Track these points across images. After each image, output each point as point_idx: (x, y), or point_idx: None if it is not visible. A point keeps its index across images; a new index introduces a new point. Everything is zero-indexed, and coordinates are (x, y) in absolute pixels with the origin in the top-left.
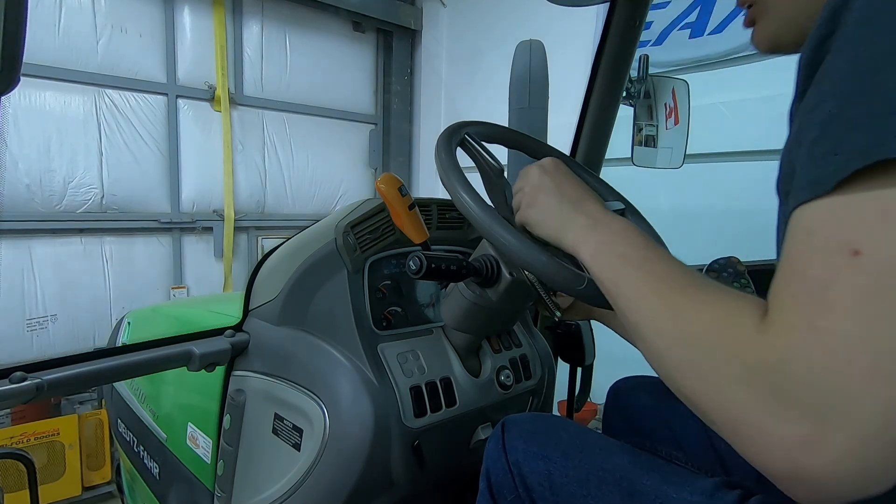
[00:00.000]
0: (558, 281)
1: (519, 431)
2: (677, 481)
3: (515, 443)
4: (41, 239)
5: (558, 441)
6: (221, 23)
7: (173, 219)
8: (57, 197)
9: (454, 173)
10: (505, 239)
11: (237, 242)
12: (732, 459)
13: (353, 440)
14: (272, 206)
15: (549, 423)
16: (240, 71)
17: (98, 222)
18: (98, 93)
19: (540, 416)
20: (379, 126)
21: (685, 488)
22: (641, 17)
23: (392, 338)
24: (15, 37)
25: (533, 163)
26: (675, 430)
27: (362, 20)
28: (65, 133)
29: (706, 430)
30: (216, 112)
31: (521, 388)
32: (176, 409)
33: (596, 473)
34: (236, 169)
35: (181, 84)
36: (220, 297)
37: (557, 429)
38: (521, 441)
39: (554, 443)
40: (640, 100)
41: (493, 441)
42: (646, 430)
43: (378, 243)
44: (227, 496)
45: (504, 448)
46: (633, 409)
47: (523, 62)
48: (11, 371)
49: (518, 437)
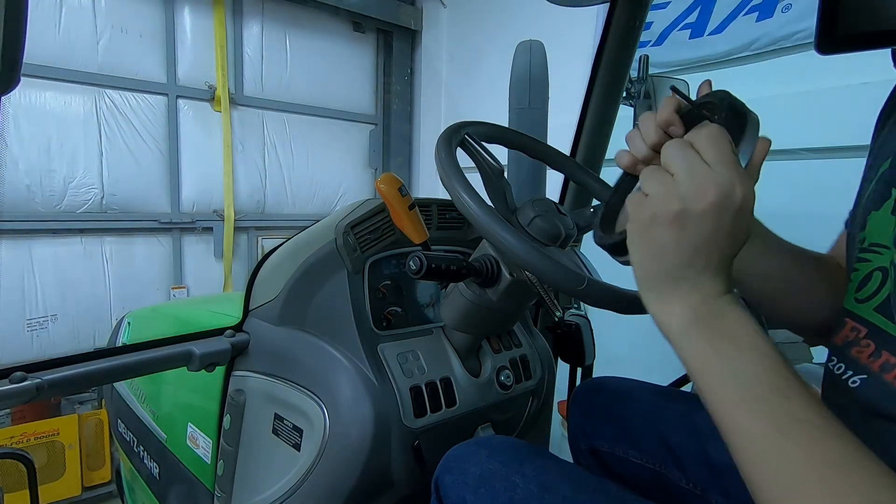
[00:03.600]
0: (558, 282)
1: (464, 478)
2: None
3: (461, 493)
4: (41, 239)
5: (513, 490)
6: (221, 23)
7: (173, 219)
8: (57, 197)
9: (454, 173)
10: (505, 239)
11: (237, 242)
12: (684, 455)
13: (353, 440)
14: (272, 207)
15: (497, 463)
16: (240, 71)
17: (98, 222)
18: (98, 93)
19: (486, 447)
20: (379, 126)
21: None
22: (641, 17)
23: (392, 338)
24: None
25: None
26: (631, 431)
27: (362, 20)
28: (65, 133)
29: (659, 429)
30: (216, 112)
31: (521, 389)
32: (176, 409)
33: None
34: (236, 169)
35: (181, 84)
36: (220, 297)
37: (510, 472)
38: (468, 492)
39: (507, 496)
40: (640, 100)
41: (433, 499)
42: (603, 432)
43: (378, 243)
44: (227, 496)
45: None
46: (592, 412)
47: (523, 62)
48: (11, 371)
49: (464, 485)
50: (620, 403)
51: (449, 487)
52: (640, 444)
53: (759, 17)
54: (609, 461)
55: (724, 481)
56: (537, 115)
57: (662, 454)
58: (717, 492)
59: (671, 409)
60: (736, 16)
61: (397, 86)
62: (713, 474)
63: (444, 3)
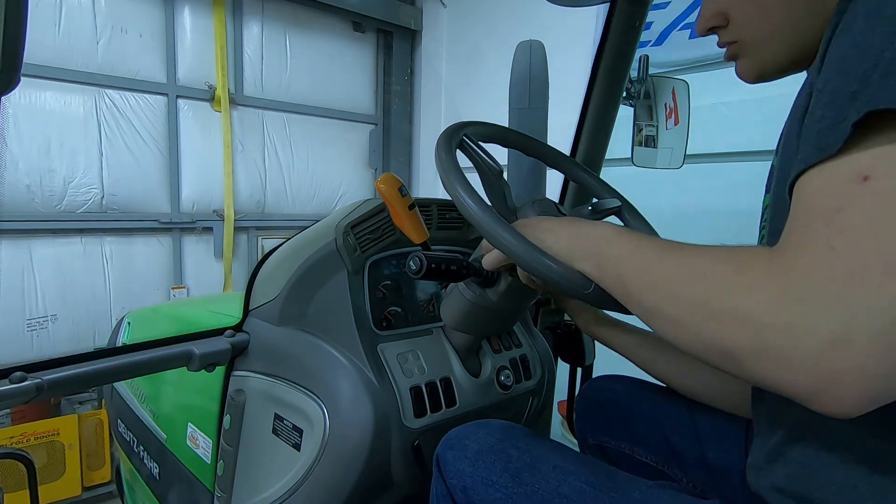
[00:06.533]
0: (563, 284)
1: (464, 452)
2: (639, 499)
3: (461, 466)
4: (41, 239)
5: (507, 461)
6: (221, 23)
7: (173, 219)
8: (57, 197)
9: (454, 173)
10: (506, 240)
11: (237, 242)
12: (685, 455)
13: (353, 440)
14: (272, 207)
15: (494, 438)
16: (240, 71)
17: (98, 222)
18: (98, 93)
19: (485, 427)
20: (379, 126)
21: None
22: (641, 17)
23: (392, 338)
24: (15, 37)
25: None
26: (636, 429)
27: (362, 20)
28: (65, 133)
29: (662, 429)
30: (216, 112)
31: (521, 389)
32: (176, 410)
33: (553, 501)
34: (236, 169)
35: (181, 84)
36: (220, 297)
37: (505, 445)
38: (467, 464)
39: (502, 465)
40: (640, 100)
41: (435, 474)
42: (610, 429)
43: (378, 243)
44: (227, 496)
45: (444, 480)
46: (600, 410)
47: (523, 62)
48: (11, 371)
49: (463, 458)
50: (627, 402)
51: (449, 462)
52: (646, 442)
53: None
54: (615, 457)
55: (722, 484)
56: (537, 115)
57: (665, 453)
58: (716, 493)
59: (673, 410)
60: None
61: (397, 86)
62: (711, 476)
63: (444, 3)
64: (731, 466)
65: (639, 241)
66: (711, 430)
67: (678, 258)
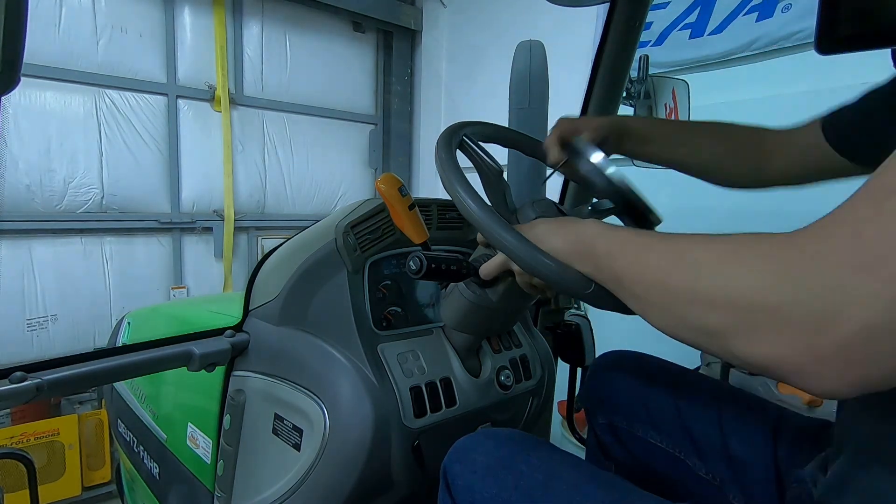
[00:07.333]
0: (564, 285)
1: (472, 466)
2: None
3: (469, 481)
4: (41, 239)
5: (519, 477)
6: (221, 23)
7: (173, 219)
8: (57, 197)
9: (454, 174)
10: (506, 240)
11: (237, 242)
12: (705, 444)
13: (353, 440)
14: (272, 207)
15: (503, 451)
16: (240, 71)
17: (98, 222)
18: (98, 93)
19: (493, 438)
20: (379, 126)
21: None
22: (641, 17)
23: (392, 338)
24: (15, 37)
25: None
26: (652, 412)
27: (362, 20)
28: (65, 133)
29: (680, 414)
30: (216, 112)
31: (521, 389)
32: (176, 410)
33: None
34: (236, 169)
35: (181, 84)
36: (220, 297)
37: (515, 459)
38: (476, 479)
39: (513, 481)
40: (640, 100)
41: (441, 486)
42: (623, 408)
43: (378, 243)
44: (227, 496)
45: (452, 495)
46: (612, 385)
47: (523, 62)
48: (11, 371)
49: (472, 473)
50: (642, 380)
51: (457, 476)
52: (661, 427)
53: (759, 17)
54: (626, 439)
55: (743, 476)
56: (537, 115)
57: (684, 441)
58: (736, 486)
59: (695, 397)
60: (736, 16)
61: (397, 86)
62: (733, 468)
63: (444, 3)
64: (755, 459)
65: (628, 235)
66: (737, 420)
67: (666, 246)
